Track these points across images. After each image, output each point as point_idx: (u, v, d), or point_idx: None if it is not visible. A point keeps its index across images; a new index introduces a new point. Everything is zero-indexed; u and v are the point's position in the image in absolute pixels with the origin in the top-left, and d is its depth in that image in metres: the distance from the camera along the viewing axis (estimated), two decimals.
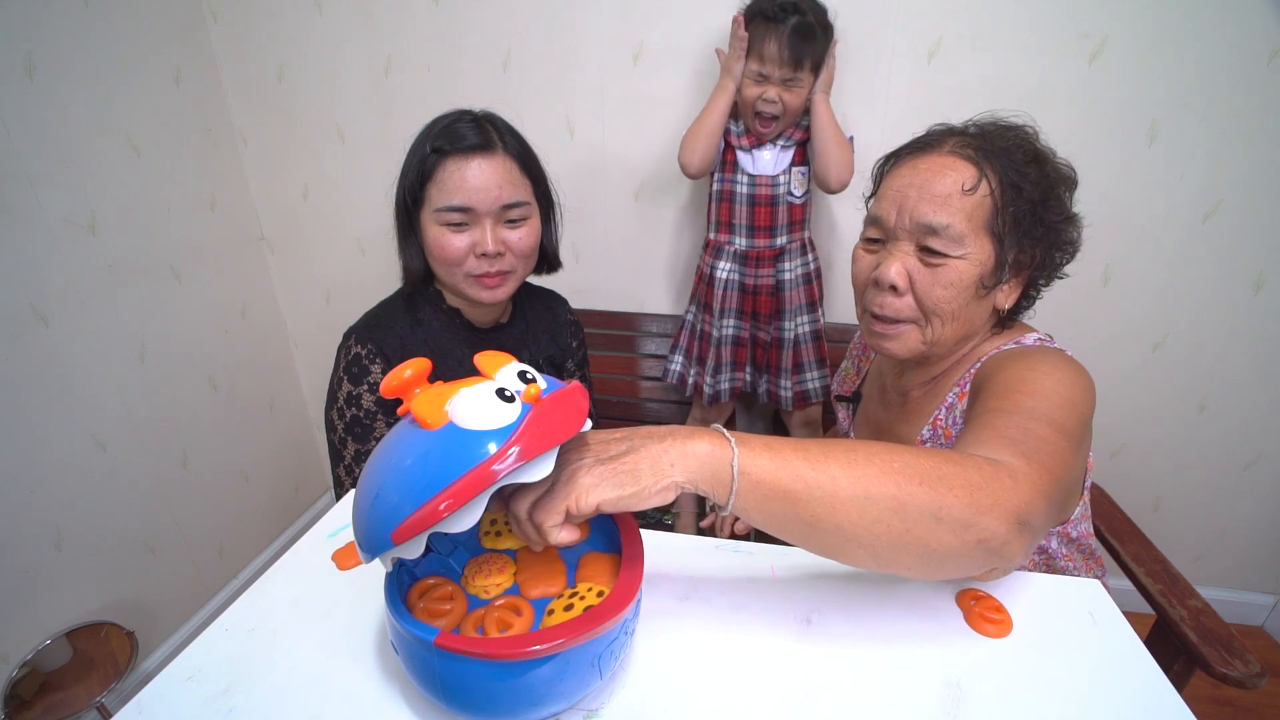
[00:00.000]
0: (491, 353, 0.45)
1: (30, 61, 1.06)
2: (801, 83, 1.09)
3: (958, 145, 0.68)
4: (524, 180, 0.84)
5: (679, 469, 0.44)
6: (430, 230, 0.83)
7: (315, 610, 0.56)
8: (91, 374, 1.20)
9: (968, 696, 0.48)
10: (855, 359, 0.95)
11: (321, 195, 1.54)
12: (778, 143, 1.18)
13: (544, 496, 0.44)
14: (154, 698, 0.48)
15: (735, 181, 1.20)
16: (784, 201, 1.20)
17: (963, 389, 0.72)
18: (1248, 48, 1.09)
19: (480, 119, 0.84)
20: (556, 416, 0.40)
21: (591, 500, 0.43)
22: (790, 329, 1.25)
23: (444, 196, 0.80)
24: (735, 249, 1.23)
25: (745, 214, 1.21)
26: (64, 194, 1.13)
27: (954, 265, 0.66)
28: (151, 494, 1.35)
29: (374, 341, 0.85)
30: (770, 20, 1.06)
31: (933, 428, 0.74)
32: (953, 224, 0.65)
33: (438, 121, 0.84)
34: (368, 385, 0.84)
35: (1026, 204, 0.66)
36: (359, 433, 0.83)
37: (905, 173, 0.70)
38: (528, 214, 0.85)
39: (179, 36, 1.34)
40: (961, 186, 0.65)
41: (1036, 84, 1.16)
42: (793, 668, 0.51)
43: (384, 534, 0.37)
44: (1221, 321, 1.28)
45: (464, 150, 0.80)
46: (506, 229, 0.84)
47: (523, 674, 0.40)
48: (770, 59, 1.07)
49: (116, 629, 1.18)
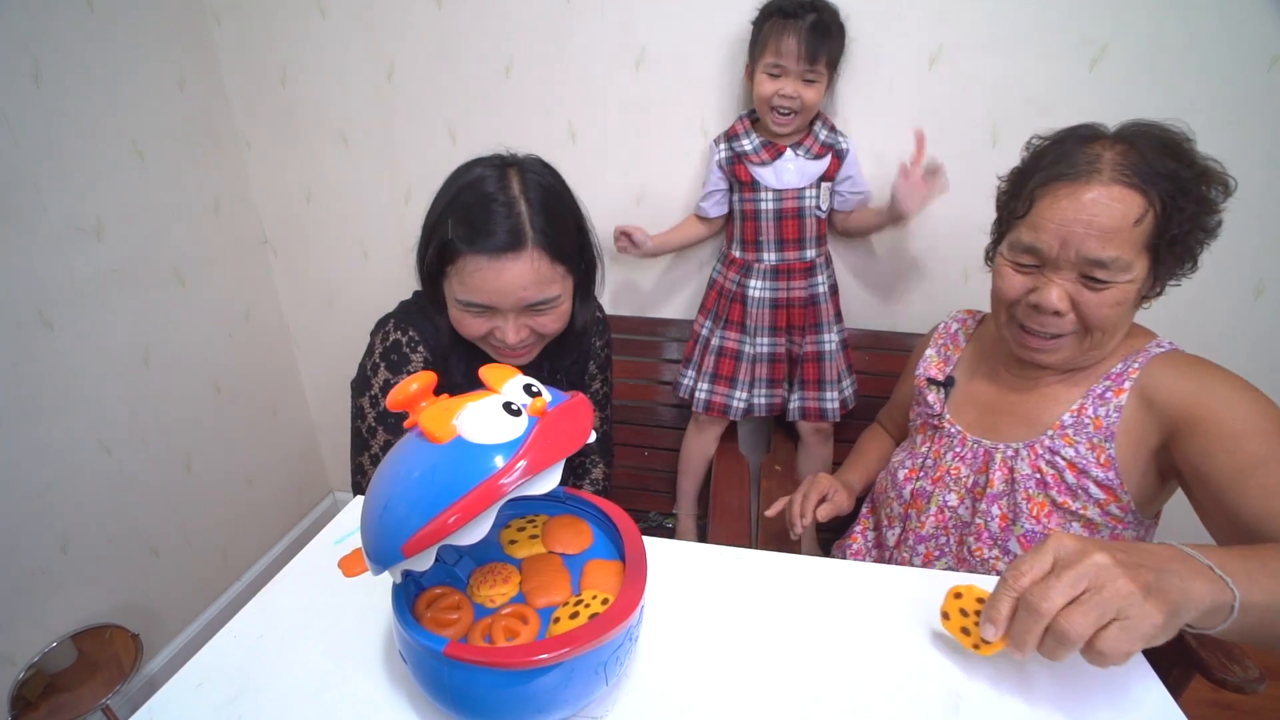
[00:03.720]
0: (496, 366, 0.45)
1: (37, 68, 1.07)
2: (819, 77, 1.10)
3: (1119, 171, 0.66)
4: (555, 271, 0.76)
5: (1185, 614, 0.45)
6: (450, 306, 0.78)
7: (323, 617, 0.57)
8: (96, 378, 1.21)
9: (967, 705, 0.49)
10: (940, 346, 0.95)
11: (325, 199, 1.54)
12: (798, 152, 1.18)
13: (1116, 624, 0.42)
14: (164, 704, 0.49)
15: (758, 199, 1.20)
16: (810, 215, 1.20)
17: (1118, 385, 0.73)
18: (1248, 54, 1.09)
19: (511, 191, 0.74)
20: (563, 429, 0.41)
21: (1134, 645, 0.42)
22: (828, 341, 1.26)
23: (464, 292, 0.74)
24: (765, 265, 1.22)
25: (773, 229, 1.20)
26: (69, 199, 1.14)
27: (1119, 288, 0.68)
28: (156, 497, 1.35)
29: (417, 329, 0.82)
30: (788, 16, 1.07)
31: (1076, 415, 0.76)
32: (1121, 256, 0.66)
33: (465, 184, 0.75)
34: (408, 374, 0.82)
35: (1187, 222, 0.66)
36: (391, 424, 0.81)
37: (1067, 205, 0.67)
38: (557, 303, 0.78)
39: (183, 42, 1.34)
40: (1130, 220, 0.65)
41: (1038, 90, 1.16)
42: (795, 675, 0.51)
43: (394, 547, 0.38)
44: (1221, 327, 1.28)
45: (489, 251, 0.71)
46: (532, 315, 0.77)
47: (530, 682, 0.41)
48: (788, 53, 1.07)
49: (121, 631, 1.19)
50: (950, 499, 0.84)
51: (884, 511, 0.94)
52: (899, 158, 1.14)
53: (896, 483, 0.91)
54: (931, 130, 1.21)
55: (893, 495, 0.92)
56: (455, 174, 0.78)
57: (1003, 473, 0.79)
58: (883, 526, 0.94)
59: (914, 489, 0.88)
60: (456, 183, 0.76)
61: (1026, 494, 0.77)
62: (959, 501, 0.83)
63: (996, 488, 0.79)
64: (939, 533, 0.85)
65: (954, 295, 1.32)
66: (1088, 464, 0.74)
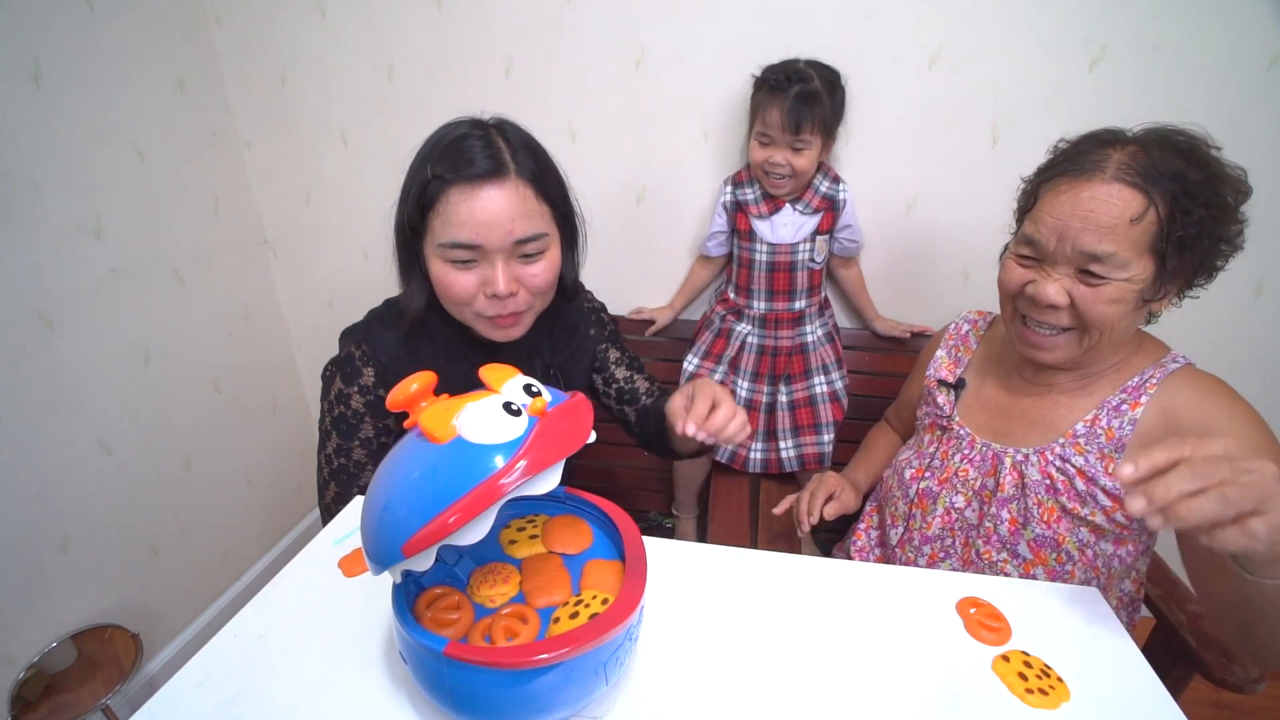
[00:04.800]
0: (497, 366, 0.45)
1: (37, 68, 1.07)
2: (809, 145, 1.11)
3: (1123, 170, 0.66)
4: (541, 207, 0.74)
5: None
6: (435, 265, 0.74)
7: (323, 617, 0.57)
8: (96, 377, 1.21)
9: (967, 704, 0.49)
10: (951, 348, 0.95)
11: (324, 199, 1.54)
12: (796, 206, 1.19)
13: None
14: (164, 704, 0.49)
15: (754, 249, 1.22)
16: (804, 268, 1.21)
17: (1134, 399, 0.73)
18: (1248, 54, 1.09)
19: (489, 133, 0.73)
20: (563, 429, 0.41)
21: None
22: (818, 385, 1.26)
23: (448, 231, 0.71)
24: (755, 313, 1.25)
25: (764, 280, 1.23)
26: (69, 199, 1.14)
27: (1116, 285, 0.67)
28: (155, 497, 1.35)
29: (369, 343, 0.82)
30: (774, 89, 1.08)
31: (1090, 425, 0.76)
32: (1117, 252, 0.66)
33: (442, 136, 0.74)
34: (358, 387, 0.82)
35: (1195, 225, 0.65)
36: (344, 430, 0.83)
37: (1066, 200, 0.68)
38: (545, 246, 0.75)
39: (183, 42, 1.34)
40: (1128, 218, 0.65)
41: (1038, 90, 1.16)
42: (795, 675, 0.51)
43: (394, 547, 0.38)
44: (1222, 327, 1.28)
45: (471, 178, 0.69)
46: (520, 264, 0.74)
47: (530, 681, 0.41)
48: (773, 124, 1.09)
49: (121, 631, 1.19)
50: (957, 500, 0.84)
51: (889, 509, 0.94)
52: (899, 157, 1.15)
53: (903, 481, 0.91)
54: (932, 130, 1.21)
55: (898, 494, 0.92)
56: (427, 138, 0.75)
57: (1013, 477, 0.80)
58: (886, 525, 0.94)
59: (920, 489, 0.88)
60: (429, 141, 0.74)
61: (1038, 499, 0.77)
62: (966, 504, 0.84)
63: (1007, 491, 0.80)
64: (945, 534, 0.85)
65: (954, 295, 1.32)
66: (1096, 473, 0.74)
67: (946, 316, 1.01)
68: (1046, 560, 0.78)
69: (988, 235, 1.27)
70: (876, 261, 1.35)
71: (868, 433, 1.15)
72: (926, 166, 1.24)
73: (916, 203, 1.27)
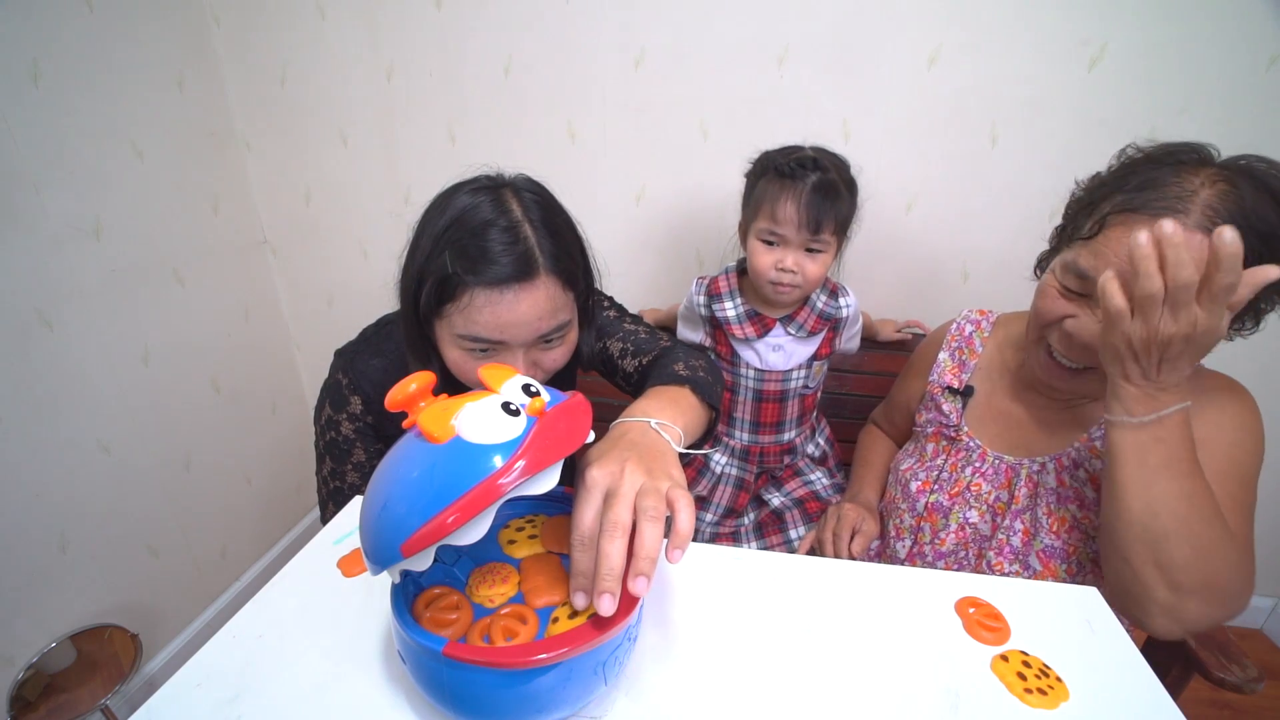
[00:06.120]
0: (496, 366, 0.45)
1: (36, 68, 1.07)
2: (826, 247, 0.91)
3: (1211, 216, 0.58)
4: (566, 297, 0.69)
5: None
6: (448, 348, 0.69)
7: (322, 617, 0.57)
8: (95, 377, 1.21)
9: (966, 704, 0.49)
10: (954, 350, 0.90)
11: (324, 199, 1.54)
12: (788, 328, 0.99)
13: None
14: (163, 704, 0.49)
15: (736, 373, 1.02)
16: (796, 396, 1.02)
17: None
18: (1246, 54, 1.09)
19: (514, 219, 0.65)
20: (561, 429, 0.41)
21: None
22: (817, 482, 1.10)
23: (470, 327, 0.65)
24: (735, 444, 1.06)
25: (750, 409, 1.03)
26: (68, 199, 1.14)
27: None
28: (155, 496, 1.35)
29: (354, 373, 0.80)
30: (785, 177, 0.88)
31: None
32: None
33: (460, 215, 0.65)
34: (346, 414, 0.81)
35: (1271, 286, 0.57)
36: (336, 454, 0.83)
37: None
38: (566, 332, 0.72)
39: (182, 41, 1.34)
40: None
41: (1036, 90, 1.16)
42: (795, 675, 0.51)
43: (393, 547, 0.38)
44: None
45: (496, 283, 0.63)
46: (540, 350, 0.71)
47: (529, 682, 0.41)
48: (786, 221, 0.88)
49: (121, 631, 1.19)
50: (971, 515, 0.81)
51: (893, 521, 0.90)
52: (899, 156, 1.14)
53: (909, 494, 0.87)
54: (931, 130, 1.21)
55: (904, 506, 0.88)
56: (439, 203, 0.68)
57: (1028, 488, 0.78)
58: (890, 536, 0.90)
59: (929, 502, 0.84)
60: (445, 213, 0.66)
61: (1048, 509, 0.76)
62: (980, 518, 0.81)
63: (1021, 503, 0.78)
64: (959, 548, 0.82)
65: (954, 295, 1.32)
66: None
67: (946, 316, 1.00)
68: (1056, 572, 0.76)
69: (987, 234, 1.27)
70: (874, 260, 1.35)
71: (858, 440, 1.11)
72: (926, 166, 1.24)
73: (916, 202, 1.28)
